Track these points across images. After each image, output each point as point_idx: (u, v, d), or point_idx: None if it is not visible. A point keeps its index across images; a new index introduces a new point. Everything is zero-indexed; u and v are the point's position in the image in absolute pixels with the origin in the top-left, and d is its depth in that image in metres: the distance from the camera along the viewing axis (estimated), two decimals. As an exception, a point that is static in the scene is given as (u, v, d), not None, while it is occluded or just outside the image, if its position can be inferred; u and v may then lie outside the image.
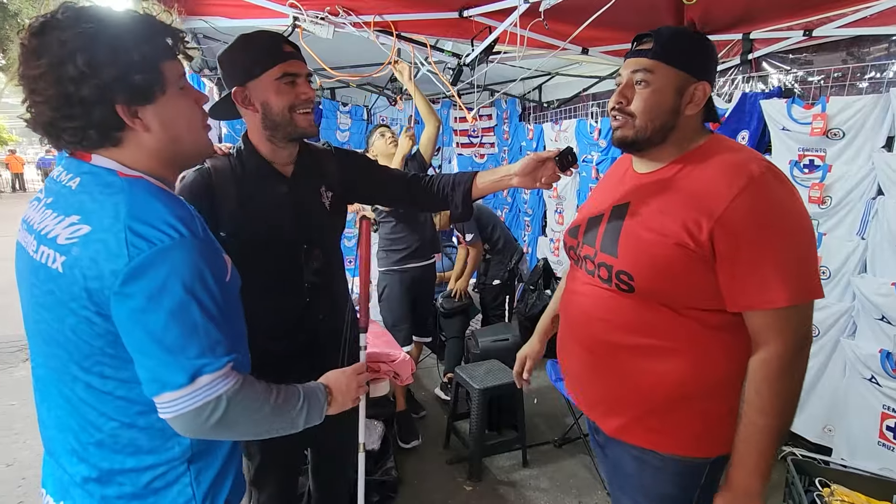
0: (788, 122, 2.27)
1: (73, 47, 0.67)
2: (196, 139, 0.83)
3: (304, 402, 0.87)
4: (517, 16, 1.99)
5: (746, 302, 0.91)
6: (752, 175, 0.90)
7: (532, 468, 2.39)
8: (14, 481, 2.28)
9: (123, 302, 0.68)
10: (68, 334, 0.73)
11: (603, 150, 3.66)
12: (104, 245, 0.68)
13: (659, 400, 1.01)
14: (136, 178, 0.75)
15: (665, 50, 0.97)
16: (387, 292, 2.74)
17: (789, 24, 2.25)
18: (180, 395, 0.71)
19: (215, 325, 0.74)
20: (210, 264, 0.74)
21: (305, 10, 2.17)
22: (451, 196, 1.32)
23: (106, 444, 0.77)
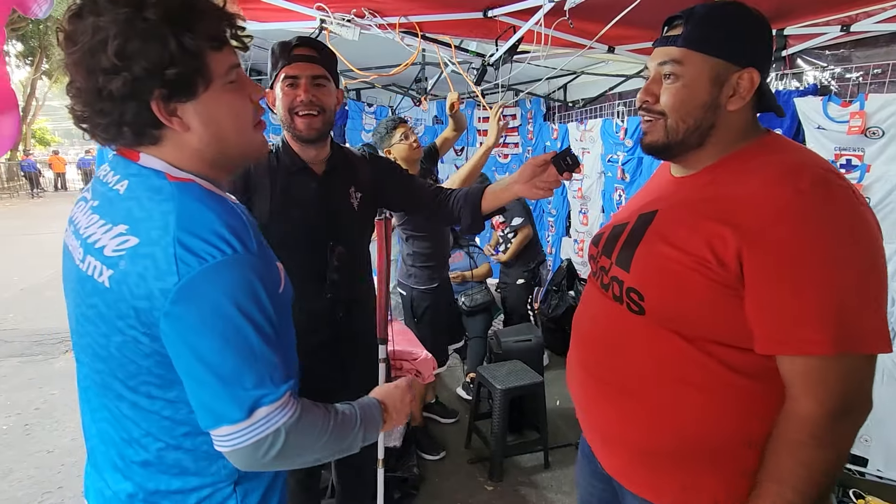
0: (824, 120, 2.19)
1: (105, 35, 0.60)
2: (245, 140, 0.74)
3: (361, 424, 0.80)
4: (542, 15, 1.98)
5: (775, 342, 0.74)
6: (802, 187, 0.72)
7: (554, 470, 2.37)
8: (54, 467, 2.39)
9: (173, 324, 0.63)
10: (113, 351, 0.68)
11: (629, 150, 3.61)
12: (152, 261, 0.63)
13: (666, 447, 0.85)
14: (187, 182, 0.69)
15: (697, 34, 0.80)
16: (430, 312, 2.55)
17: (826, 20, 2.18)
18: (238, 428, 0.66)
19: (271, 347, 0.68)
20: (264, 279, 0.68)
21: (332, 12, 2.21)
22: (462, 210, 1.34)
23: (151, 463, 0.73)
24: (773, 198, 0.73)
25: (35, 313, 4.55)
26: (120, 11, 0.60)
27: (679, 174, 0.93)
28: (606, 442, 0.96)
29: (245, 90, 0.72)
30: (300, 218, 1.26)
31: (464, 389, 3.10)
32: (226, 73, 0.68)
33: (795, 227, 0.71)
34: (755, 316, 0.75)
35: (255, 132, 0.75)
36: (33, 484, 2.27)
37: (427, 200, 1.43)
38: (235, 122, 0.71)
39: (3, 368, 3.47)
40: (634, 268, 0.87)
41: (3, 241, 8.22)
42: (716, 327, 0.79)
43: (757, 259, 0.73)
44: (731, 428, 0.80)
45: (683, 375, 0.82)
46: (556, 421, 2.73)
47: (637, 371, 0.87)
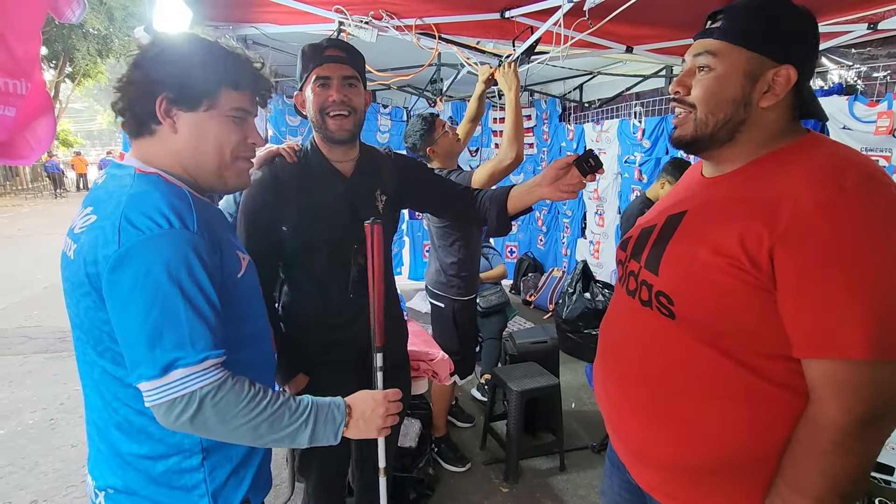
0: (850, 120, 2.15)
1: (151, 53, 0.79)
2: (221, 162, 0.84)
3: (308, 418, 0.80)
4: (560, 15, 1.97)
5: (809, 345, 0.71)
6: (846, 185, 0.68)
7: (570, 472, 2.35)
8: (79, 461, 2.44)
9: (110, 288, 0.71)
10: (83, 319, 0.77)
11: (647, 150, 3.57)
12: (102, 232, 0.72)
13: (697, 459, 0.83)
14: (150, 174, 0.79)
15: (734, 26, 0.79)
16: (469, 324, 2.44)
17: (852, 17, 2.13)
18: (153, 385, 0.71)
19: (200, 318, 0.73)
20: (202, 257, 0.74)
21: (350, 14, 2.23)
22: (489, 211, 1.33)
23: (122, 427, 0.79)
24: (815, 195, 0.69)
25: (58, 311, 4.66)
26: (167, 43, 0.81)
27: (710, 174, 0.90)
28: (639, 456, 0.92)
29: (244, 130, 0.85)
30: (326, 220, 1.27)
31: (478, 391, 3.10)
32: (232, 109, 0.82)
33: (837, 226, 0.68)
34: (789, 317, 0.72)
35: (232, 161, 0.85)
36: (58, 478, 2.32)
37: (456, 201, 1.42)
38: (218, 143, 0.82)
39: (29, 364, 3.55)
40: (663, 270, 0.85)
41: (28, 240, 8.44)
42: (748, 332, 0.76)
43: (792, 257, 0.70)
44: (767, 440, 0.78)
45: (715, 386, 0.79)
46: (571, 423, 2.71)
47: (668, 382, 0.84)
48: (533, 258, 5.26)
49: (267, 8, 2.17)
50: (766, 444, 0.77)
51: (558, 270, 4.81)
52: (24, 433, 2.69)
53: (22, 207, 13.96)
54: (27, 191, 18.16)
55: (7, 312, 4.69)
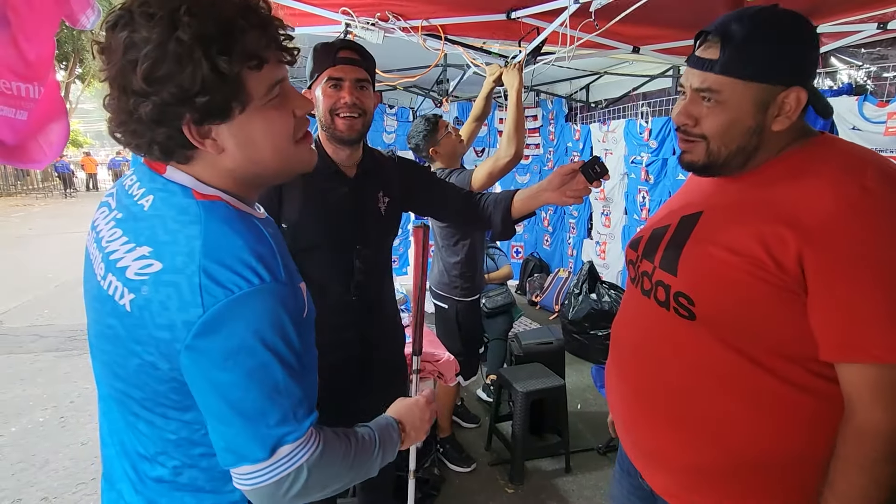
0: (860, 121, 2.13)
1: (136, 54, 0.57)
2: (282, 158, 0.69)
3: (379, 448, 0.78)
4: (567, 16, 1.97)
5: (845, 349, 0.69)
6: (868, 184, 0.68)
7: (575, 474, 2.35)
8: (88, 459, 2.47)
9: (196, 358, 0.61)
10: (131, 374, 0.66)
11: (653, 151, 3.56)
12: (176, 289, 0.60)
13: (715, 463, 0.81)
14: (214, 201, 0.65)
15: (736, 59, 0.76)
16: (472, 326, 2.46)
17: (861, 17, 2.11)
18: (259, 468, 0.63)
19: (296, 381, 0.65)
20: (290, 309, 0.65)
21: (357, 16, 2.24)
22: (493, 215, 1.33)
23: (165, 480, 0.71)
24: (838, 195, 0.69)
25: (69, 310, 4.72)
26: (154, 29, 0.57)
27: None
28: (653, 458, 0.91)
29: (288, 105, 0.67)
30: (329, 221, 1.27)
31: (484, 391, 3.10)
32: (266, 91, 0.64)
33: (865, 225, 0.67)
34: (821, 320, 0.71)
35: (296, 148, 0.70)
36: (68, 475, 2.35)
37: (458, 204, 1.42)
38: (273, 142, 0.67)
39: (40, 363, 3.60)
40: (682, 270, 0.83)
41: (39, 239, 8.54)
42: (769, 333, 0.75)
43: (823, 260, 0.69)
44: (786, 444, 0.77)
45: (734, 387, 0.78)
46: (577, 425, 2.70)
47: (685, 383, 0.83)
48: (539, 259, 5.26)
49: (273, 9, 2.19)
50: (785, 447, 0.76)
51: (564, 271, 4.80)
52: (34, 431, 2.73)
53: (33, 207, 14.13)
54: (38, 191, 18.37)
55: (19, 311, 4.75)
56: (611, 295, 3.54)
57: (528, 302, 4.90)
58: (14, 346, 3.89)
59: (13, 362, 3.60)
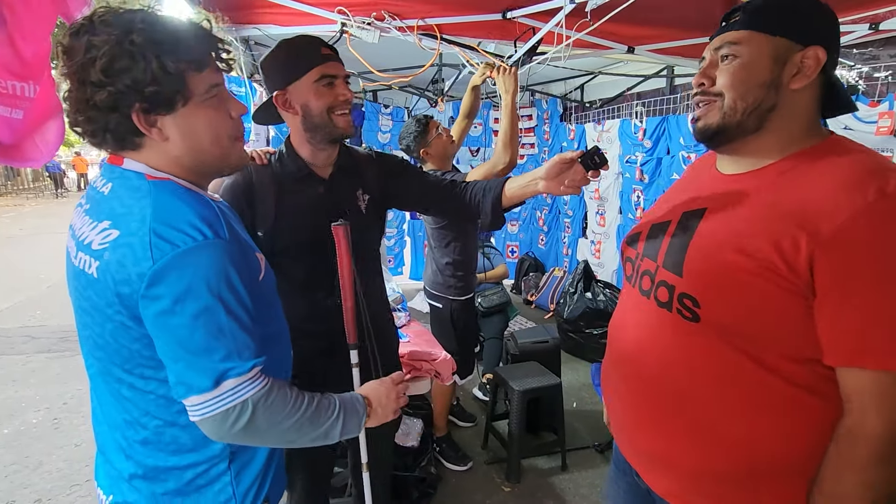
0: (851, 120, 2.15)
1: (96, 53, 0.68)
2: (222, 152, 0.80)
3: (339, 413, 0.84)
4: (563, 16, 1.97)
5: (850, 354, 0.69)
6: (887, 190, 0.66)
7: (572, 472, 2.36)
8: (82, 460, 2.46)
9: (150, 305, 0.69)
10: (108, 339, 0.74)
11: (648, 150, 3.58)
12: (130, 249, 0.68)
13: (722, 470, 0.81)
14: (164, 181, 0.75)
15: (755, 15, 0.77)
16: (468, 324, 2.46)
17: (854, 17, 2.14)
18: (206, 398, 0.71)
19: (242, 327, 0.73)
20: (237, 265, 0.73)
21: (353, 15, 2.24)
22: (482, 204, 1.29)
23: (150, 441, 0.78)
24: (854, 200, 0.67)
25: (61, 310, 4.68)
26: (112, 33, 0.68)
27: (730, 171, 0.86)
28: (655, 461, 0.90)
29: (224, 106, 0.79)
30: (306, 223, 1.24)
31: (480, 390, 3.11)
32: (205, 91, 0.75)
33: (880, 231, 0.66)
34: (828, 325, 0.70)
35: (232, 144, 0.81)
36: (62, 477, 2.33)
37: (442, 196, 1.38)
38: (212, 134, 0.78)
39: (32, 364, 3.57)
40: (688, 271, 0.81)
41: (30, 239, 8.47)
42: (777, 336, 0.74)
43: (836, 265, 0.68)
44: (795, 446, 0.76)
45: (741, 390, 0.77)
46: (573, 423, 2.71)
47: (689, 385, 0.82)
48: (534, 258, 5.27)
49: (269, 9, 2.18)
50: (793, 449, 0.76)
51: (559, 270, 4.82)
52: (27, 432, 2.70)
53: (23, 207, 14.00)
54: (28, 190, 18.19)
55: (10, 312, 4.70)
56: (606, 294, 3.56)
57: (523, 301, 4.91)
58: (6, 347, 3.85)
59: (5, 363, 3.57)
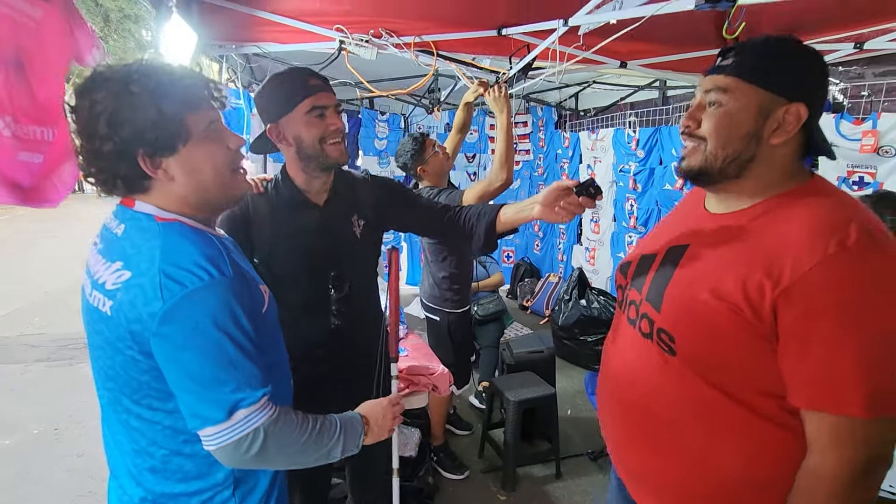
0: (836, 137, 2.21)
1: (100, 109, 0.74)
2: (223, 184, 0.84)
3: (340, 433, 0.89)
4: (556, 37, 2.02)
5: (809, 398, 0.73)
6: (846, 241, 0.69)
7: (566, 480, 2.41)
8: (85, 471, 2.48)
9: (161, 343, 0.73)
10: (119, 370, 0.79)
11: (641, 160, 3.63)
12: (141, 290, 0.73)
13: (698, 488, 0.86)
14: (172, 222, 0.79)
15: (745, 64, 0.80)
16: (465, 336, 2.53)
17: (839, 37, 2.20)
18: (220, 429, 0.76)
19: (249, 358, 0.77)
20: (241, 300, 0.78)
21: (351, 33, 2.28)
22: (475, 228, 1.32)
23: (157, 469, 0.83)
24: (816, 252, 0.70)
25: (60, 318, 4.68)
26: (112, 88, 0.74)
27: (716, 210, 0.91)
28: (638, 479, 0.96)
29: (222, 140, 0.83)
30: (301, 249, 1.27)
31: (476, 398, 3.15)
32: (204, 129, 0.80)
33: (838, 283, 0.69)
34: (789, 369, 0.74)
35: (233, 176, 0.86)
36: (64, 489, 2.36)
37: (436, 220, 1.41)
38: (213, 169, 0.82)
39: (32, 373, 3.58)
40: (666, 308, 0.86)
41: (26, 244, 8.42)
42: (745, 372, 0.79)
43: (794, 312, 0.71)
44: (760, 472, 0.80)
45: (712, 419, 0.82)
46: (567, 431, 2.77)
47: (668, 413, 0.87)
48: (529, 263, 5.32)
49: (269, 27, 2.22)
50: (759, 473, 0.81)
51: (554, 276, 4.87)
52: (29, 444, 2.72)
53: (16, 210, 13.87)
54: (22, 193, 17.99)
55: (8, 320, 4.70)
56: (600, 301, 3.61)
57: (518, 306, 4.96)
58: (4, 356, 3.86)
59: (4, 373, 3.58)
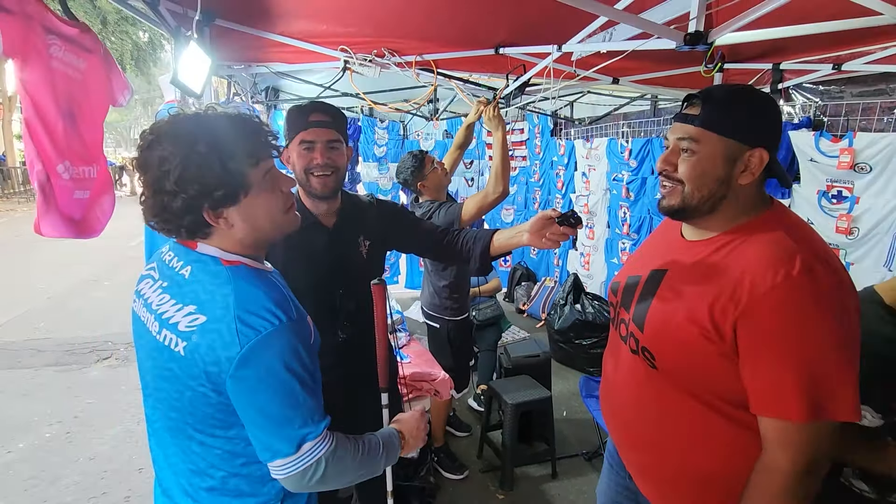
0: (816, 154, 2.33)
1: (168, 166, 0.78)
2: (277, 226, 0.92)
3: (383, 451, 0.98)
4: (550, 61, 2.13)
5: (760, 406, 0.86)
6: (791, 272, 0.82)
7: (561, 480, 2.53)
8: (97, 473, 2.57)
9: (238, 384, 0.80)
10: (185, 403, 0.85)
11: (633, 170, 3.75)
12: (219, 335, 0.79)
13: (683, 483, 1.01)
14: (237, 265, 0.86)
15: (713, 116, 0.91)
16: (464, 342, 2.64)
17: (819, 57, 2.31)
18: (289, 461, 0.83)
19: (312, 394, 0.85)
20: (304, 340, 0.85)
21: (354, 53, 2.38)
22: (472, 250, 1.44)
23: (216, 489, 0.90)
24: (768, 278, 0.83)
25: (64, 322, 4.76)
26: (180, 144, 0.79)
27: (691, 237, 1.03)
28: (639, 471, 1.11)
29: (277, 186, 0.90)
30: (311, 269, 1.35)
31: (475, 401, 3.26)
32: (262, 179, 0.86)
33: (781, 308, 0.81)
34: (746, 381, 0.87)
35: (286, 216, 0.93)
36: (80, 490, 2.45)
37: (436, 243, 1.53)
38: (269, 214, 0.89)
39: (41, 377, 3.67)
40: (647, 329, 0.99)
41: (24, 247, 8.42)
42: (716, 384, 0.92)
43: (748, 332, 0.84)
44: (730, 463, 0.94)
45: (690, 423, 0.96)
46: (563, 431, 2.88)
47: (656, 417, 1.02)
48: (526, 268, 5.44)
49: (277, 49, 2.32)
50: (729, 466, 0.94)
51: (550, 280, 4.99)
52: (42, 446, 2.81)
53: (15, 212, 13.87)
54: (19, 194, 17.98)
55: (14, 324, 4.77)
56: (594, 306, 3.73)
57: (515, 310, 5.07)
58: (13, 361, 3.94)
59: (14, 378, 3.66)
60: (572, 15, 1.89)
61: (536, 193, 5.37)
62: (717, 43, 1.39)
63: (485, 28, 2.36)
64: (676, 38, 1.39)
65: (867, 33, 2.02)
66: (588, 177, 4.38)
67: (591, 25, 1.79)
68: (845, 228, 2.25)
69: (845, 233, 2.26)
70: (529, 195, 5.51)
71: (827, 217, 2.32)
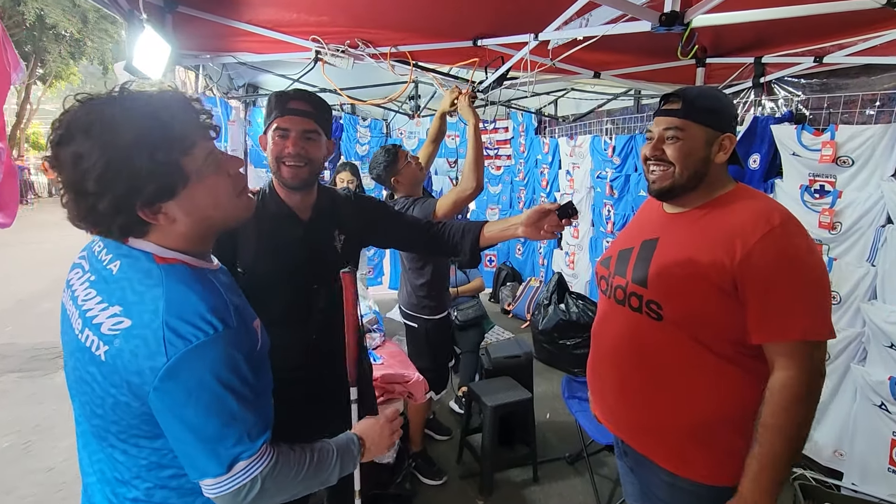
0: (798, 147, 2.29)
1: (86, 165, 0.67)
2: (227, 213, 0.82)
3: (336, 459, 0.89)
4: (527, 51, 2.06)
5: (769, 334, 1.00)
6: (774, 223, 1.01)
7: (542, 484, 2.45)
8: (55, 485, 2.44)
9: (162, 397, 0.71)
10: (108, 410, 0.76)
11: (617, 167, 3.70)
12: (144, 342, 0.70)
13: (685, 427, 1.10)
14: (174, 264, 0.76)
15: (692, 110, 1.10)
16: (443, 342, 2.57)
17: (800, 50, 2.28)
18: (219, 481, 0.75)
19: (249, 408, 0.75)
20: (242, 347, 0.76)
21: (327, 43, 2.29)
22: (460, 244, 1.38)
23: (140, 500, 0.81)
24: (757, 231, 1.01)
25: (32, 327, 4.58)
26: (95, 138, 0.67)
27: (672, 211, 1.20)
28: (639, 430, 1.19)
29: (222, 168, 0.79)
30: (284, 262, 1.30)
31: (456, 403, 3.17)
32: (201, 165, 0.75)
33: (777, 249, 0.99)
34: (753, 316, 1.01)
35: (237, 200, 0.82)
36: (35, 502, 2.32)
37: (418, 236, 1.46)
38: (216, 203, 0.79)
39: (2, 384, 3.50)
40: (651, 283, 1.12)
41: (-2, 250, 8.20)
42: (719, 329, 1.05)
43: (750, 275, 1.00)
44: (729, 404, 1.06)
45: (693, 366, 1.08)
46: (545, 434, 2.80)
47: (659, 367, 1.12)
48: (511, 267, 5.37)
49: (245, 38, 2.22)
50: (729, 407, 1.07)
51: (535, 280, 4.93)
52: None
53: (-10, 214, 13.48)
54: (-4, 196, 17.51)
55: (-22, 329, 4.58)
56: (578, 305, 3.67)
57: (500, 310, 5.00)
58: (-26, 366, 3.77)
59: (-26, 384, 3.50)
60: (549, 2, 1.83)
61: (521, 192, 5.32)
62: (693, 24, 1.33)
63: (464, 18, 2.29)
64: (652, 17, 1.33)
65: (848, 23, 1.99)
66: (572, 175, 4.33)
67: (567, 11, 1.72)
68: (828, 223, 2.21)
69: (828, 227, 2.21)
70: (514, 194, 5.45)
71: (809, 212, 2.28)
